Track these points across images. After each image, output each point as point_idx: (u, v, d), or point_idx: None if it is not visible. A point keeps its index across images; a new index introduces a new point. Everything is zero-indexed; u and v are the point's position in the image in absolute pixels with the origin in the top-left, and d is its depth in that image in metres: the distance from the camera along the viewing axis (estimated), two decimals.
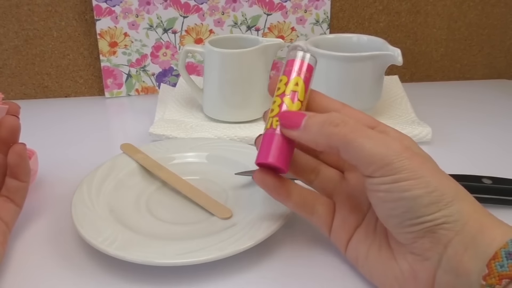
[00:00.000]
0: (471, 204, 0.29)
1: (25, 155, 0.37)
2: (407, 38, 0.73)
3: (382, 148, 0.29)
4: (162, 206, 0.42)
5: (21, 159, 0.36)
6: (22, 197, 0.38)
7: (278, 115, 0.33)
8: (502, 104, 0.67)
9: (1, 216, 0.36)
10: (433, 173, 0.29)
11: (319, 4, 0.68)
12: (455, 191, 0.28)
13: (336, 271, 0.35)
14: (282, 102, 0.33)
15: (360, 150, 0.29)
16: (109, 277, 0.35)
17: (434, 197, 0.28)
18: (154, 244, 0.35)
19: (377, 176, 0.29)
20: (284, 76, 0.34)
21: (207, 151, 0.49)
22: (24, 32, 0.67)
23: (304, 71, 0.34)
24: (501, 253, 0.25)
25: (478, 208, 0.28)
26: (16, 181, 0.37)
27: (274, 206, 0.39)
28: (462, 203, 0.28)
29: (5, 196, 0.37)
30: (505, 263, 0.25)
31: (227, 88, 0.57)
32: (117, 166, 0.46)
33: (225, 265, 0.35)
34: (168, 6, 0.67)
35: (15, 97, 0.70)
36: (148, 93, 0.72)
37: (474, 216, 0.28)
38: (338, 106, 0.34)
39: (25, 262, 0.36)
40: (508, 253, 0.25)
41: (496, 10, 0.72)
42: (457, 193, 0.28)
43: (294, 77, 0.34)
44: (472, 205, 0.28)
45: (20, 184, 0.37)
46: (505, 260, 0.25)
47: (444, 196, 0.28)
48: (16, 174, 0.37)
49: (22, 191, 0.38)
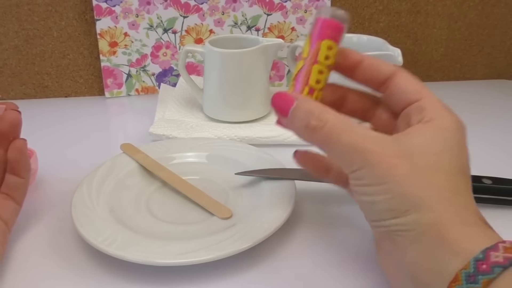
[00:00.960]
0: (440, 215, 0.27)
1: (26, 150, 0.37)
2: (407, 38, 0.73)
3: (351, 155, 0.29)
4: (162, 206, 0.42)
5: (22, 155, 0.36)
6: (22, 194, 0.38)
7: (272, 97, 0.31)
8: (502, 104, 0.67)
9: (0, 215, 0.36)
10: (405, 179, 0.28)
11: (319, 4, 0.68)
12: (419, 200, 0.27)
13: (336, 271, 0.35)
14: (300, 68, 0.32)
15: (332, 157, 0.32)
16: (109, 277, 0.35)
17: (392, 204, 0.28)
18: (154, 244, 0.35)
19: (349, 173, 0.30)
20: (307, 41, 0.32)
21: (207, 151, 0.49)
22: (24, 32, 0.67)
23: (317, 31, 0.31)
24: (461, 276, 0.24)
25: (449, 220, 0.27)
26: (16, 178, 0.37)
27: (274, 206, 0.39)
28: (424, 213, 0.27)
29: (5, 193, 0.37)
30: (465, 286, 0.23)
31: (227, 88, 0.57)
32: (117, 166, 0.46)
33: (225, 265, 0.35)
34: (168, 6, 0.67)
35: (15, 96, 0.70)
36: (148, 93, 0.72)
37: (435, 228, 0.26)
38: (391, 70, 0.33)
39: (25, 262, 0.36)
40: (468, 275, 0.23)
41: (496, 10, 0.72)
42: (420, 203, 0.27)
43: (322, 40, 0.32)
44: (441, 217, 0.27)
45: (20, 180, 0.37)
46: (464, 283, 0.23)
47: (402, 205, 0.27)
48: (16, 170, 0.36)
49: (21, 188, 0.37)
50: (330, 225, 0.40)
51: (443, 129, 0.30)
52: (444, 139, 0.29)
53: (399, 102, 0.33)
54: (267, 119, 0.60)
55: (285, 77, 0.72)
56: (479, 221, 0.27)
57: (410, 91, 0.32)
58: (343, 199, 0.44)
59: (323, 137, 0.30)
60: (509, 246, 0.24)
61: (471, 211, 0.28)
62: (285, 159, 0.47)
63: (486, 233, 0.26)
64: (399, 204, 0.28)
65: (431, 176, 0.28)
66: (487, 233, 0.27)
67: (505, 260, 0.23)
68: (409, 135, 0.30)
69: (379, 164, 0.28)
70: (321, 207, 0.43)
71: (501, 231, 0.34)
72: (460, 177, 0.29)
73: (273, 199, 0.40)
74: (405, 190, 0.28)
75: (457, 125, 0.30)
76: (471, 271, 0.23)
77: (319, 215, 0.42)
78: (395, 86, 0.33)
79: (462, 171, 0.29)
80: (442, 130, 0.29)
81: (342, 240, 0.38)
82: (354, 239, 0.38)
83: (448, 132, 0.30)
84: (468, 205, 0.28)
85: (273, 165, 0.45)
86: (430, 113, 0.30)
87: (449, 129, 0.30)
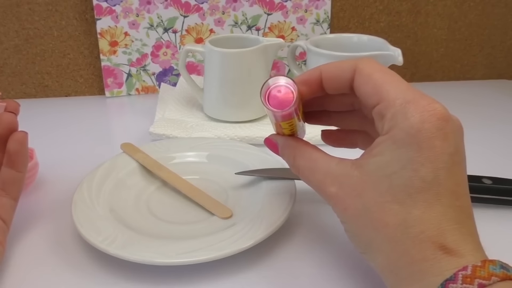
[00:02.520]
0: (387, 257, 0.26)
1: (26, 142, 0.36)
2: (408, 38, 0.73)
3: (320, 194, 0.31)
4: (162, 206, 0.42)
5: (21, 147, 0.36)
6: (18, 189, 0.37)
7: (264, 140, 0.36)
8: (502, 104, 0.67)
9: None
10: (356, 220, 0.28)
11: (320, 4, 0.68)
12: (369, 242, 0.27)
13: (336, 271, 0.35)
14: None
15: None
16: (109, 276, 0.35)
17: (354, 242, 0.29)
18: (154, 243, 0.35)
19: None
20: None
21: (207, 150, 0.49)
22: (24, 31, 0.67)
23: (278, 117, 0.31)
24: None
25: (397, 261, 0.26)
26: (13, 172, 0.36)
27: (274, 206, 0.39)
28: (375, 256, 0.27)
29: (1, 189, 0.36)
30: None
31: (227, 87, 0.57)
32: (117, 166, 0.46)
33: (225, 265, 0.35)
34: (168, 6, 0.67)
35: (15, 96, 0.70)
36: (149, 92, 0.72)
37: (387, 270, 0.27)
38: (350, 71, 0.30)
39: (25, 261, 0.36)
40: None
41: (496, 11, 0.72)
42: (371, 244, 0.27)
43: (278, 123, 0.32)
44: (389, 259, 0.26)
45: (17, 174, 0.36)
46: None
47: (359, 245, 0.29)
48: (14, 163, 0.36)
49: (18, 182, 0.37)
50: (330, 225, 0.40)
51: (399, 141, 0.26)
52: (399, 154, 0.26)
53: (365, 107, 0.30)
54: (267, 118, 0.60)
55: None
56: (436, 250, 0.25)
57: (367, 93, 0.29)
58: None
59: (301, 177, 0.32)
60: (470, 274, 0.23)
61: (426, 239, 0.25)
62: None
63: (442, 264, 0.24)
64: (358, 244, 0.29)
65: (381, 211, 0.27)
66: (446, 263, 0.24)
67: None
68: (368, 158, 0.28)
69: (336, 205, 0.29)
70: (321, 207, 0.43)
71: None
72: (420, 194, 0.26)
73: (273, 199, 0.40)
74: (357, 231, 0.28)
75: (419, 126, 0.26)
76: None
77: (319, 215, 0.42)
78: (355, 91, 0.30)
79: (423, 187, 0.26)
80: (398, 143, 0.26)
81: (342, 240, 0.38)
82: None
83: (405, 141, 0.26)
84: (424, 232, 0.25)
85: (273, 165, 0.45)
86: (387, 121, 0.27)
87: (406, 138, 0.26)
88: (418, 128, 0.26)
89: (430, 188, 0.26)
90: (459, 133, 0.27)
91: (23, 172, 0.37)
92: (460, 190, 0.26)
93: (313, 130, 0.54)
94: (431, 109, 0.26)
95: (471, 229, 0.26)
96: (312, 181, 0.31)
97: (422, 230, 0.25)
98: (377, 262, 0.28)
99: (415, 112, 0.26)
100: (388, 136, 0.27)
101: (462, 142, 0.27)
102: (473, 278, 0.23)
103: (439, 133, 0.26)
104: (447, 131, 0.26)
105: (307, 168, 0.31)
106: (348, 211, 0.28)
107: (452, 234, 0.25)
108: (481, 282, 0.23)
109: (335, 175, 0.29)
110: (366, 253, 0.28)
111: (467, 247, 0.25)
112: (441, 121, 0.26)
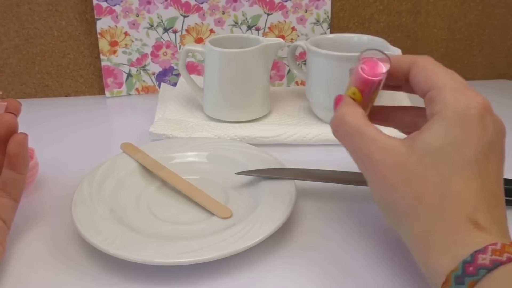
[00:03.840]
0: (426, 225, 0.28)
1: (26, 145, 0.36)
2: (408, 38, 0.73)
3: (356, 159, 0.33)
4: (162, 206, 0.42)
5: (21, 149, 0.36)
6: (19, 190, 0.37)
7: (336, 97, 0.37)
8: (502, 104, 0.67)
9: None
10: (393, 190, 0.30)
11: (320, 4, 0.68)
12: (407, 210, 0.29)
13: (336, 270, 0.35)
14: None
15: None
16: (109, 276, 0.35)
17: (386, 212, 0.31)
18: (154, 243, 0.35)
19: None
20: None
21: (207, 150, 0.49)
22: (24, 31, 0.67)
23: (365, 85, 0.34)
24: (451, 277, 0.25)
25: (435, 229, 0.28)
26: (14, 173, 0.36)
27: (274, 206, 0.39)
28: (412, 224, 0.29)
29: (2, 189, 0.36)
30: None
31: (228, 87, 0.57)
32: (117, 166, 0.46)
33: (225, 265, 0.35)
34: (168, 6, 0.67)
35: (15, 96, 0.70)
36: (149, 92, 0.72)
37: (424, 238, 0.28)
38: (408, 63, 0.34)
39: (25, 261, 0.36)
40: (457, 277, 0.25)
41: (496, 11, 0.72)
42: (409, 213, 0.29)
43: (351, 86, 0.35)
44: (427, 227, 0.28)
45: (18, 176, 0.36)
46: (454, 285, 0.25)
47: (394, 214, 0.31)
48: (15, 165, 0.36)
49: (19, 184, 0.37)
50: (330, 225, 0.40)
51: (448, 119, 0.29)
52: (446, 131, 0.29)
53: (420, 94, 0.33)
54: (267, 119, 0.60)
55: (285, 77, 0.72)
56: (469, 224, 0.27)
57: (420, 82, 0.32)
58: (343, 199, 0.44)
59: (340, 135, 0.34)
60: (500, 248, 0.24)
61: (462, 212, 0.27)
62: (285, 159, 0.47)
63: (473, 237, 0.26)
64: (392, 213, 0.31)
65: (423, 182, 0.29)
66: (476, 237, 0.26)
67: (491, 263, 0.24)
68: (416, 135, 0.30)
69: (374, 173, 0.31)
70: (321, 207, 0.43)
71: None
72: (458, 172, 0.28)
73: (273, 199, 0.40)
74: (394, 200, 0.30)
75: (466, 111, 0.29)
76: (459, 273, 0.24)
77: (319, 215, 0.42)
78: (410, 81, 0.33)
79: (463, 164, 0.28)
80: (446, 121, 0.29)
81: (342, 240, 0.38)
82: (354, 239, 0.38)
83: (452, 121, 0.29)
84: (460, 206, 0.28)
85: (273, 165, 0.45)
86: (437, 104, 0.30)
87: (454, 118, 0.29)
88: (465, 112, 0.29)
89: (469, 166, 0.28)
90: (499, 129, 0.30)
91: (24, 174, 0.37)
92: (495, 178, 0.29)
93: (313, 131, 0.55)
94: (477, 99, 0.29)
95: (501, 216, 0.28)
96: (355, 141, 0.32)
97: (459, 204, 0.28)
98: (412, 230, 0.29)
99: (463, 98, 0.29)
100: (438, 115, 0.30)
101: (501, 138, 0.30)
102: (502, 252, 0.24)
103: (481, 122, 0.29)
104: (487, 121, 0.29)
105: (354, 127, 0.32)
106: (387, 180, 0.30)
107: (485, 214, 0.27)
108: (509, 256, 0.24)
109: (382, 144, 0.31)
110: (399, 223, 0.30)
111: (495, 229, 0.27)
112: (484, 111, 0.29)
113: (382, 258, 0.36)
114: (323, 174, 0.44)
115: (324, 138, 0.54)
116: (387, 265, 0.35)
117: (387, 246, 0.37)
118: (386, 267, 0.35)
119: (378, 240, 0.38)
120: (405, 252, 0.36)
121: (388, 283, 0.34)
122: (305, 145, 0.55)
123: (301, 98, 0.64)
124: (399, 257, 0.36)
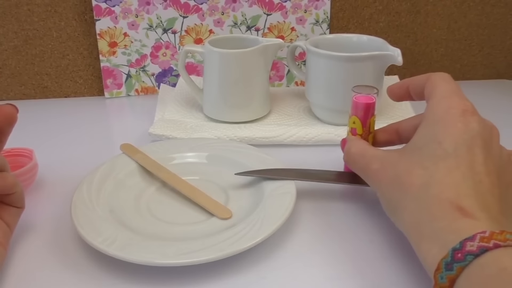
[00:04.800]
0: (414, 214, 0.30)
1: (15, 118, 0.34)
2: (407, 38, 0.73)
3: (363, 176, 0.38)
4: (162, 207, 0.42)
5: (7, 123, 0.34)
6: (21, 200, 0.37)
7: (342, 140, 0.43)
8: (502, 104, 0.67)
9: (2, 217, 0.36)
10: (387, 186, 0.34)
11: (319, 4, 0.68)
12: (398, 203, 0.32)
13: (335, 271, 0.35)
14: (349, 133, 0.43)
15: None
16: (109, 277, 0.35)
17: (384, 206, 0.35)
18: (154, 244, 0.35)
19: None
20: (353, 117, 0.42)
21: (207, 151, 0.49)
22: (23, 32, 0.67)
23: (360, 110, 0.41)
24: (442, 264, 0.26)
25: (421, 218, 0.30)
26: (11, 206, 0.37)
27: (274, 206, 0.39)
28: (403, 214, 0.31)
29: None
30: (444, 274, 0.26)
31: (227, 88, 0.57)
32: (117, 166, 0.46)
33: (225, 266, 0.35)
34: (167, 6, 0.67)
35: (14, 97, 0.70)
36: (148, 93, 0.72)
37: (414, 226, 0.30)
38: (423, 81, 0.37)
39: (25, 262, 0.36)
40: (447, 263, 0.26)
41: (496, 10, 0.72)
42: (399, 205, 0.32)
43: (351, 116, 0.42)
44: (414, 214, 0.30)
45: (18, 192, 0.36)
46: (444, 271, 0.26)
47: (389, 207, 0.34)
48: (11, 201, 0.36)
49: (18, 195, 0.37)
50: (330, 225, 0.40)
51: (430, 120, 0.33)
52: (429, 130, 0.33)
53: None
54: (267, 119, 0.60)
55: (284, 77, 0.72)
56: (454, 210, 0.28)
57: (426, 94, 0.36)
58: (343, 199, 0.44)
59: (351, 164, 0.39)
60: (488, 236, 0.25)
61: (445, 199, 0.29)
62: (285, 159, 0.47)
63: (458, 223, 0.28)
64: (388, 206, 0.34)
65: (408, 175, 0.32)
66: (462, 223, 0.27)
67: (477, 249, 0.25)
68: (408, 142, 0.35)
69: (374, 179, 0.36)
70: (321, 207, 0.43)
71: None
72: (442, 161, 0.30)
73: (273, 199, 0.40)
74: (389, 195, 0.33)
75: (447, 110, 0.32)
76: (449, 260, 0.26)
77: (319, 215, 0.42)
78: (425, 95, 0.37)
79: (445, 156, 0.30)
80: (429, 122, 0.33)
81: (342, 240, 0.38)
82: (354, 239, 0.38)
83: (434, 120, 0.33)
84: (443, 192, 0.29)
85: (273, 165, 0.45)
86: (425, 110, 0.35)
87: (435, 118, 0.33)
88: (446, 111, 0.32)
89: (451, 157, 0.30)
90: (485, 126, 0.32)
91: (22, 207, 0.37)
92: (482, 169, 0.30)
93: (312, 131, 0.54)
94: (460, 103, 0.32)
95: (491, 203, 0.29)
96: (360, 163, 0.38)
97: (441, 190, 0.29)
98: (404, 220, 0.32)
99: (446, 102, 0.33)
100: (424, 119, 0.34)
101: (487, 134, 0.32)
102: (490, 239, 0.25)
103: (462, 118, 0.31)
104: (470, 119, 0.31)
105: (357, 154, 0.38)
106: (383, 181, 0.34)
107: (469, 199, 0.28)
108: (496, 243, 0.25)
109: (380, 157, 0.36)
110: (395, 215, 0.33)
111: (483, 215, 0.28)
112: (466, 112, 0.32)
113: (382, 258, 0.36)
114: (323, 174, 0.44)
115: (324, 138, 0.54)
116: (387, 265, 0.35)
117: (387, 246, 0.37)
118: (386, 267, 0.35)
119: (378, 240, 0.38)
120: (405, 251, 0.36)
121: (388, 283, 0.34)
122: (305, 145, 0.55)
123: (301, 98, 0.64)
124: (399, 257, 0.36)
